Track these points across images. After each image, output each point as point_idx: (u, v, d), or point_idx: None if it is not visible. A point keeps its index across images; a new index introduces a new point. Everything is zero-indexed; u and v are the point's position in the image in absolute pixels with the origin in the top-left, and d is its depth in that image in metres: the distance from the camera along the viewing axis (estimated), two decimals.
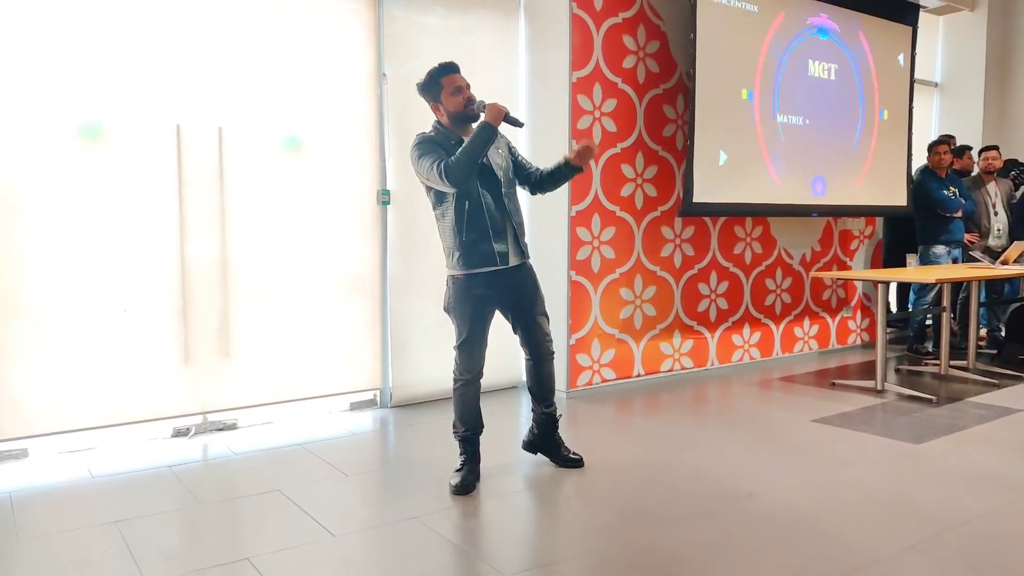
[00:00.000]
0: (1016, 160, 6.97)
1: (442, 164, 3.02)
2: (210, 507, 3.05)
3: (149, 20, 3.78)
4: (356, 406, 4.54)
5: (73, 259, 3.66)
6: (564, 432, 3.52)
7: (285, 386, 4.26)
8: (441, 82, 3.16)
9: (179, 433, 3.99)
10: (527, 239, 3.35)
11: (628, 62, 4.96)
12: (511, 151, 3.37)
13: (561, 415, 3.52)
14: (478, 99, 3.17)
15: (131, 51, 3.75)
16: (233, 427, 4.11)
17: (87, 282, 3.70)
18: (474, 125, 3.15)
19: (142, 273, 3.83)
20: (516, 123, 3.18)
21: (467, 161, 3.02)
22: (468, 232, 3.13)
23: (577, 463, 3.45)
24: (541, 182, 3.41)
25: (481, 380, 3.30)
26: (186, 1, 3.87)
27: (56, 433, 3.68)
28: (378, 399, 4.60)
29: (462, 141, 3.13)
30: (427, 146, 3.11)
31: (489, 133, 3.06)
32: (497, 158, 3.24)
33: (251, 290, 4.13)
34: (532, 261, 3.36)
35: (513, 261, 3.22)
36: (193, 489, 3.22)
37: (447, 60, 3.20)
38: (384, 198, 4.49)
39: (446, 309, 3.30)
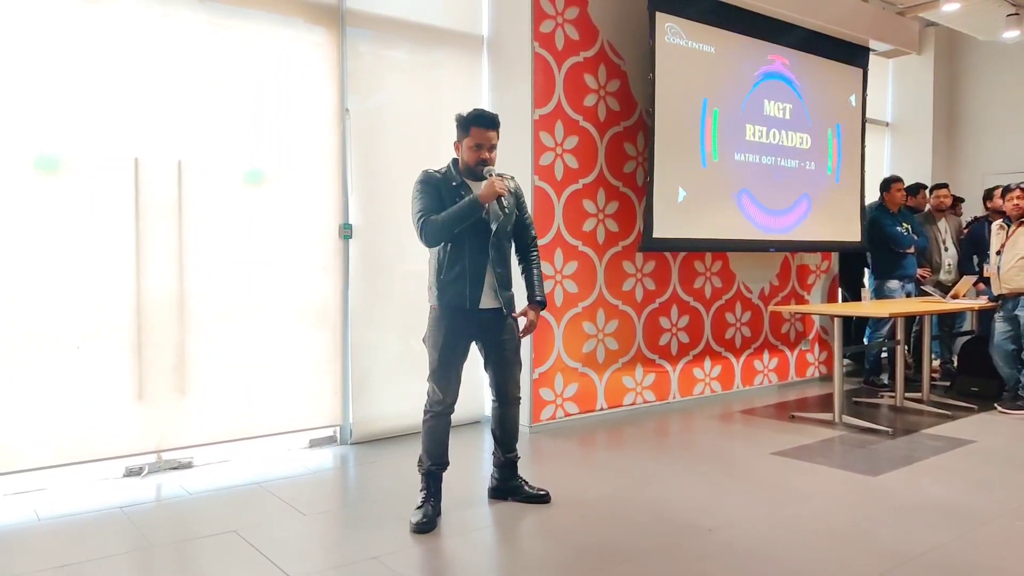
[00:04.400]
0: (954, 196, 7.17)
1: (422, 220, 3.10)
2: (163, 550, 2.96)
3: (108, 51, 3.75)
4: (315, 443, 4.46)
5: (25, 293, 3.57)
6: (528, 467, 3.51)
7: (243, 423, 4.17)
8: (471, 130, 3.18)
9: (132, 472, 3.88)
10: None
11: (589, 100, 5.05)
12: (520, 205, 3.36)
13: (520, 457, 3.51)
14: (489, 167, 3.19)
15: (89, 83, 3.71)
16: (188, 466, 4.01)
17: (39, 316, 3.60)
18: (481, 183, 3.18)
19: (96, 307, 3.75)
20: (501, 209, 3.24)
21: (442, 228, 3.09)
22: (447, 272, 3.17)
23: (543, 498, 3.43)
24: (520, 258, 3.43)
25: (452, 414, 3.28)
26: (146, 33, 3.85)
27: (1, 474, 3.54)
28: (338, 436, 4.53)
29: (463, 185, 3.17)
30: (425, 188, 3.16)
31: (473, 211, 3.10)
32: (497, 206, 3.23)
33: (209, 324, 4.06)
34: None
35: (487, 305, 3.22)
36: (145, 531, 3.12)
37: (493, 113, 3.23)
38: (346, 232, 4.47)
39: (424, 340, 3.30)
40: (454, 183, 3.18)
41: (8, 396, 3.55)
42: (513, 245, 3.40)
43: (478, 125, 3.18)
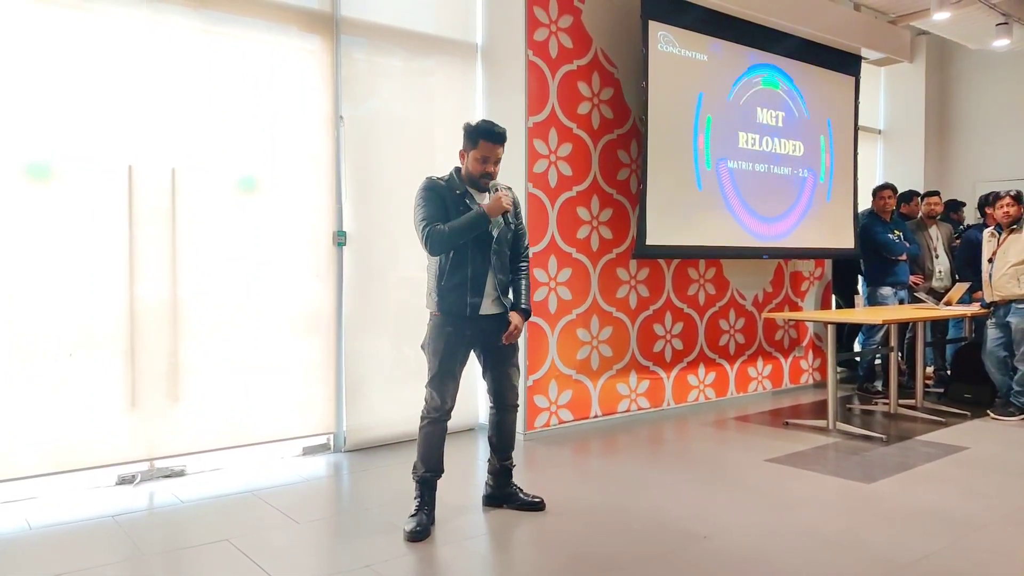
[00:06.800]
0: (955, 200, 7.23)
1: (428, 228, 3.10)
2: (155, 559, 2.94)
3: (102, 59, 3.75)
4: (309, 451, 4.45)
5: (17, 301, 3.55)
6: (522, 474, 3.50)
7: (236, 431, 4.16)
8: (479, 143, 3.18)
9: (124, 481, 3.86)
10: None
11: (583, 108, 5.06)
12: (517, 214, 3.38)
13: (515, 465, 3.51)
14: (494, 182, 3.25)
15: (83, 90, 3.70)
16: (181, 474, 3.99)
17: (31, 324, 3.59)
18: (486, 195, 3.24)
19: (89, 315, 3.73)
20: (506, 221, 3.28)
21: (449, 239, 3.11)
22: (448, 279, 3.18)
23: (538, 506, 3.42)
24: (511, 267, 3.38)
25: (448, 421, 3.29)
26: (140, 40, 3.85)
27: None
28: (331, 443, 4.52)
29: (467, 194, 3.20)
30: (429, 196, 3.17)
31: (480, 224, 3.14)
32: (501, 217, 3.26)
33: (202, 332, 4.05)
34: None
35: (487, 311, 3.23)
36: (137, 540, 3.10)
37: (502, 128, 3.23)
38: (340, 239, 4.47)
39: (422, 346, 3.31)
40: (458, 191, 3.21)
41: (0, 403, 3.53)
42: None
43: (487, 139, 3.18)
